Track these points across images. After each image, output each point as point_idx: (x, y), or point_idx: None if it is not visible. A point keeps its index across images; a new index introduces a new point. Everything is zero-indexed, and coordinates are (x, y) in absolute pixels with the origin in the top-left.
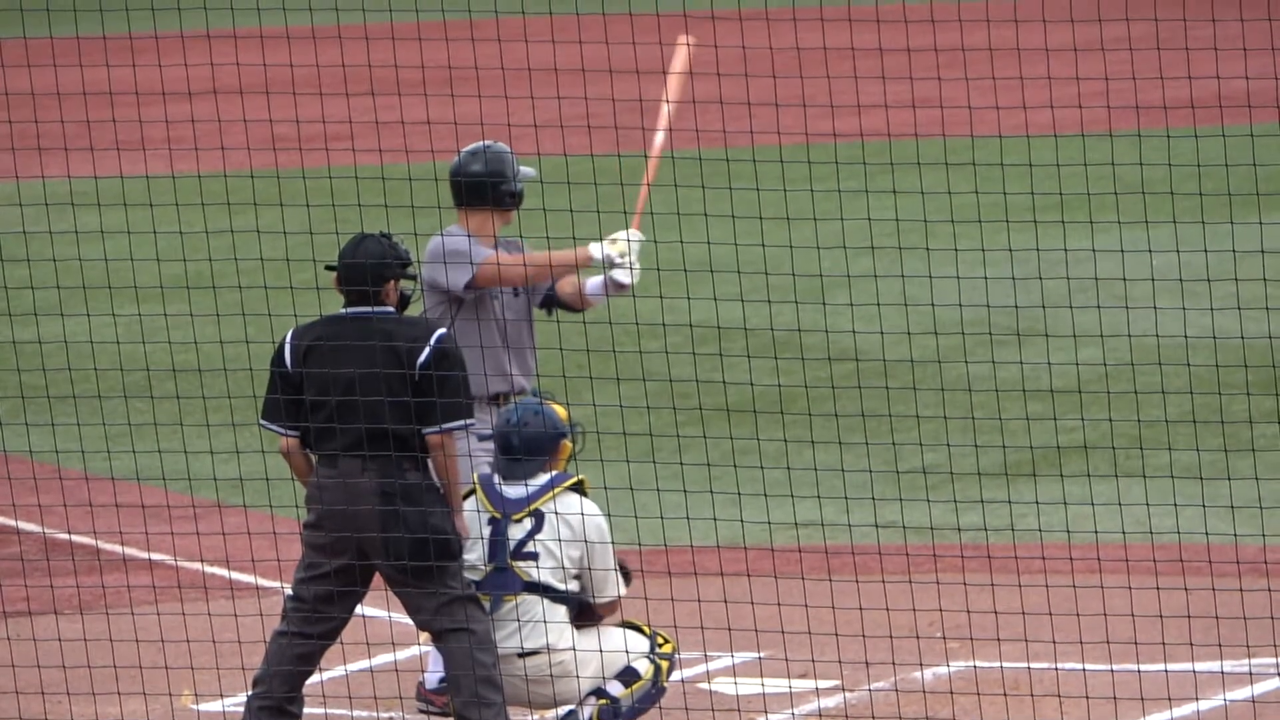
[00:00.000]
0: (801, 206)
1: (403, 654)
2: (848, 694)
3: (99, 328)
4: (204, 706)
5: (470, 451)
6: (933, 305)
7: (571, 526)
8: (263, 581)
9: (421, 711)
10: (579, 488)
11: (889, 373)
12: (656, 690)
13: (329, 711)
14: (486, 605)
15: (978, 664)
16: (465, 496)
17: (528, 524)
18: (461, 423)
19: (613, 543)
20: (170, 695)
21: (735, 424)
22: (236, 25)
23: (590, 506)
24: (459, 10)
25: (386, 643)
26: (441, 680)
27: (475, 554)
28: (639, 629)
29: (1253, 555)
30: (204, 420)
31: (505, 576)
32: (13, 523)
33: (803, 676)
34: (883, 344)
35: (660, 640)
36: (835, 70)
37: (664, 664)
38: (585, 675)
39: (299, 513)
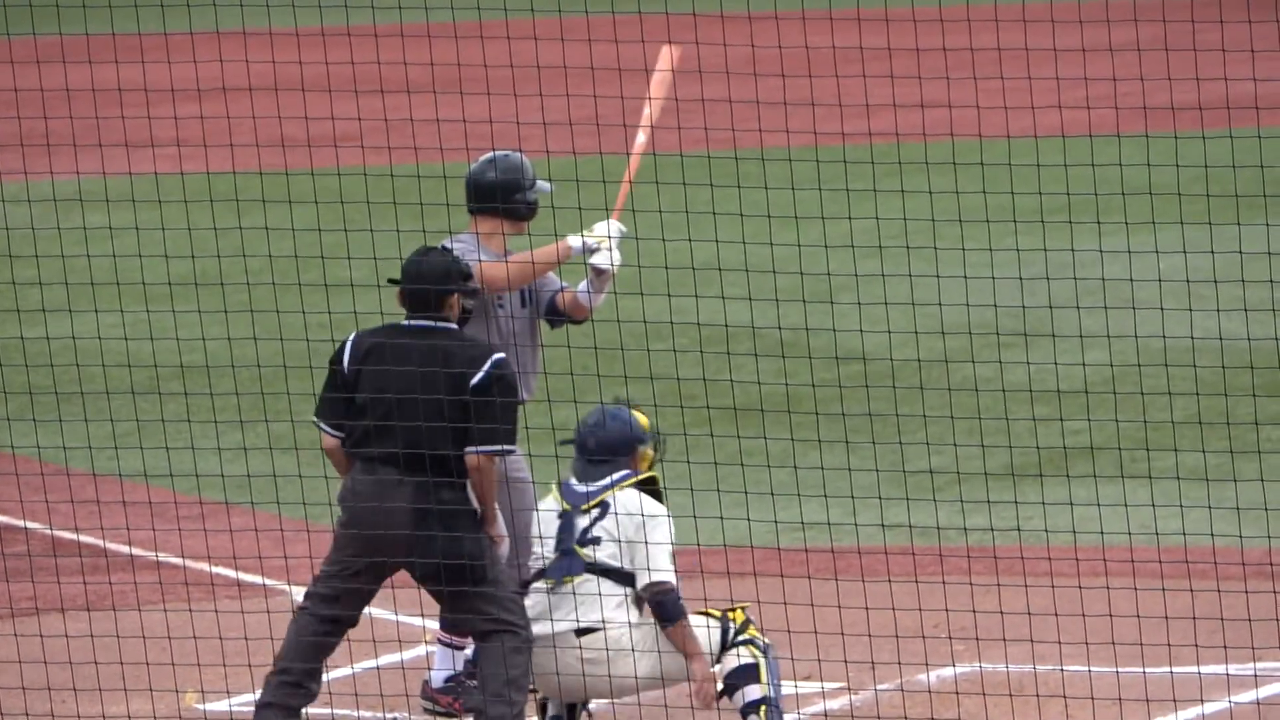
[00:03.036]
0: (809, 207)
1: (409, 653)
2: (853, 695)
3: (106, 326)
4: (210, 706)
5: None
6: (940, 306)
7: (626, 517)
8: (269, 581)
9: (426, 711)
10: (648, 484)
11: (895, 374)
12: (771, 657)
13: (335, 711)
14: (550, 587)
15: (983, 665)
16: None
17: (593, 514)
18: (501, 447)
19: (671, 542)
20: (177, 692)
21: (742, 424)
22: (246, 25)
23: (650, 503)
24: (468, 9)
25: (393, 641)
26: (447, 679)
27: (545, 547)
28: (706, 614)
29: (1258, 558)
30: (211, 419)
31: (569, 559)
32: (20, 521)
33: (808, 678)
34: (890, 345)
35: (731, 617)
36: (844, 71)
37: (752, 631)
38: (644, 668)
39: (306, 511)
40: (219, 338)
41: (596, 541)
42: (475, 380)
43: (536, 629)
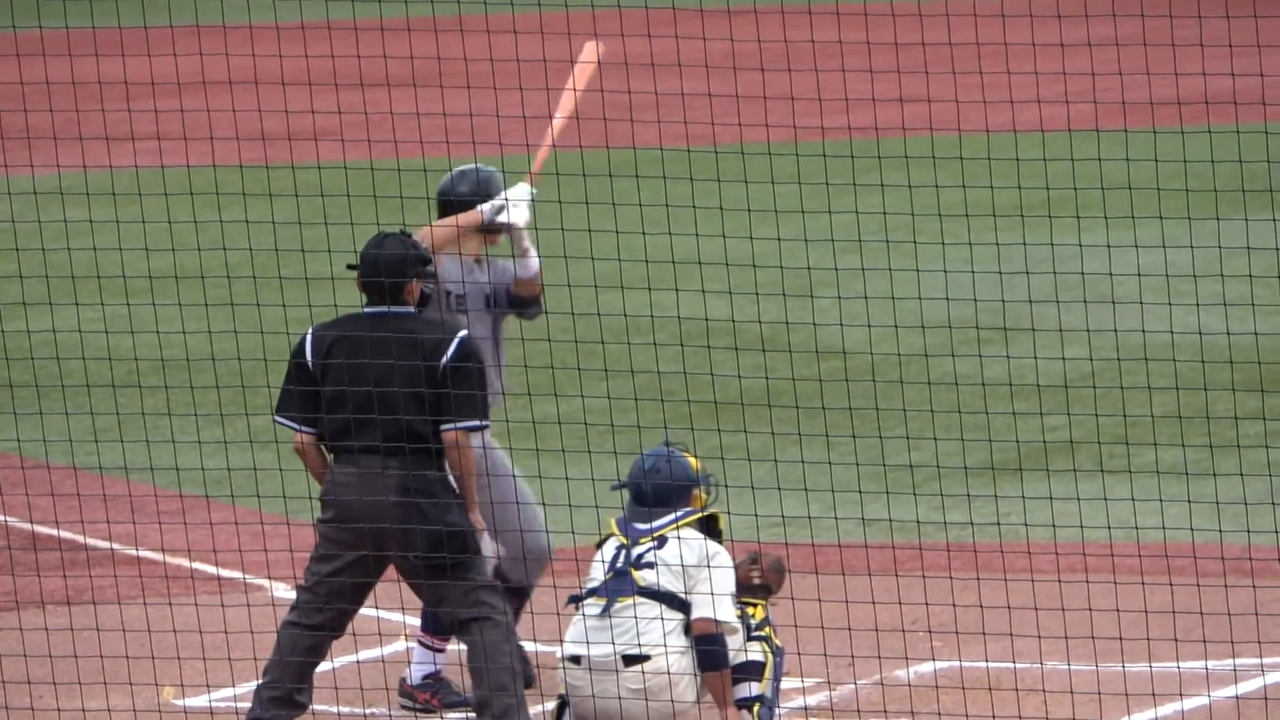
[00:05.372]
0: (789, 202)
1: (388, 648)
2: (833, 690)
3: (87, 320)
4: (189, 701)
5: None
6: (919, 301)
7: (687, 546)
8: (249, 576)
9: (404, 707)
10: (708, 523)
11: (875, 369)
12: (780, 657)
13: (315, 706)
14: (600, 606)
15: (963, 661)
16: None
17: (651, 544)
18: (478, 422)
19: (731, 593)
20: (156, 686)
21: (722, 419)
22: (226, 20)
23: (711, 541)
24: (448, 2)
25: (373, 635)
26: (425, 677)
27: (598, 571)
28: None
29: (1237, 553)
30: (191, 413)
31: (622, 580)
32: (0, 516)
33: (788, 673)
34: (869, 340)
35: (750, 613)
36: (823, 65)
37: (768, 630)
38: (693, 693)
39: (286, 506)
40: (199, 331)
41: (651, 566)
42: (445, 359)
43: (584, 650)
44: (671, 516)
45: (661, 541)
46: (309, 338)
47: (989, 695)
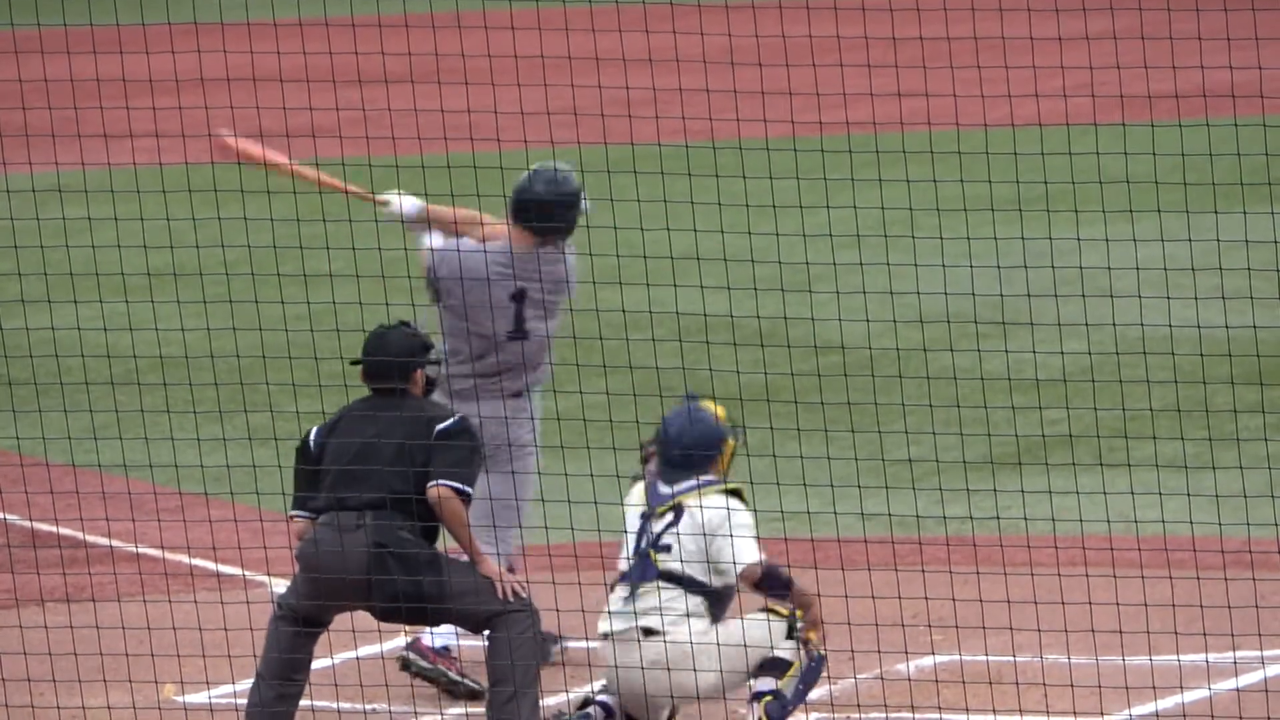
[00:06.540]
0: (787, 197)
1: (388, 644)
2: (833, 684)
3: (85, 318)
4: (189, 697)
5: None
6: (918, 295)
7: (697, 520)
8: (248, 573)
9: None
10: (733, 493)
11: (874, 363)
12: (816, 662)
13: (315, 702)
14: (626, 592)
15: (963, 655)
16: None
17: (668, 518)
18: (461, 486)
19: (754, 529)
20: (156, 684)
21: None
22: (224, 17)
23: (721, 500)
24: None
25: (372, 631)
26: (442, 646)
27: (628, 548)
28: (777, 613)
29: (1237, 546)
30: (190, 410)
31: (644, 565)
32: None
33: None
34: (868, 334)
35: (800, 616)
36: (821, 60)
37: (810, 634)
38: (726, 670)
39: (285, 503)
40: (197, 329)
41: (667, 549)
42: (442, 426)
43: (605, 627)
44: (692, 483)
45: (677, 514)
46: (314, 429)
47: (989, 689)
